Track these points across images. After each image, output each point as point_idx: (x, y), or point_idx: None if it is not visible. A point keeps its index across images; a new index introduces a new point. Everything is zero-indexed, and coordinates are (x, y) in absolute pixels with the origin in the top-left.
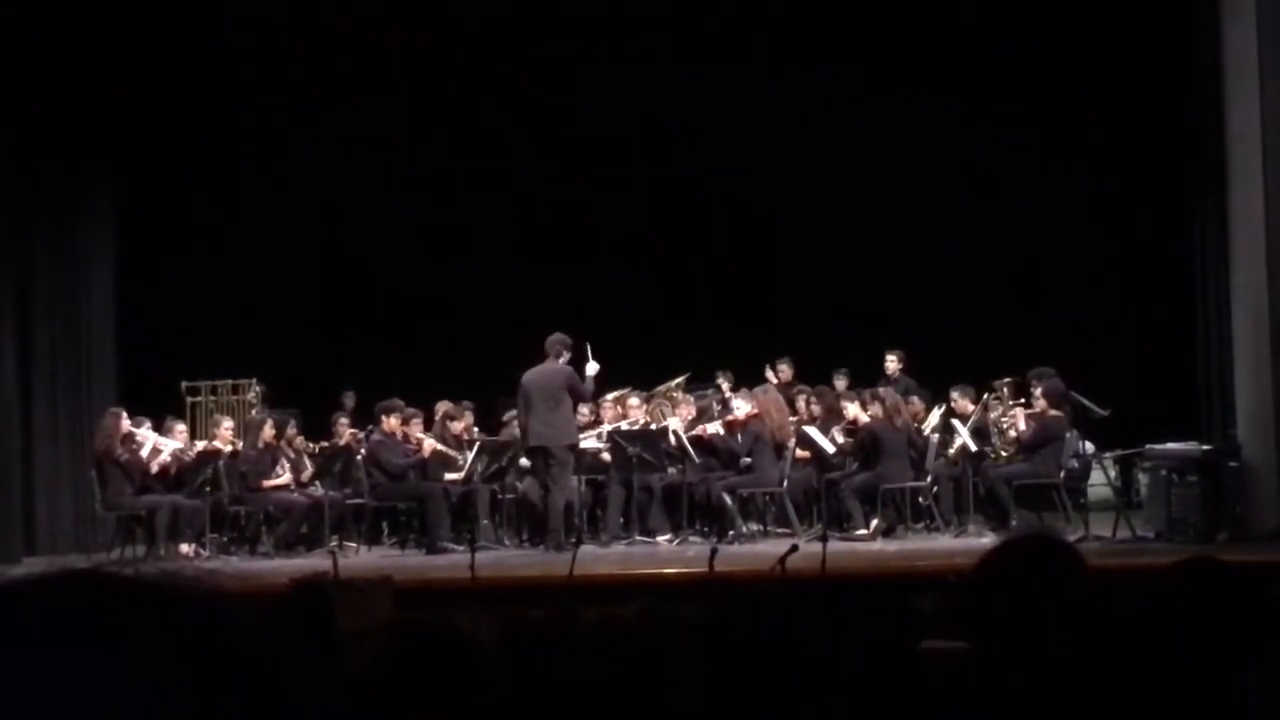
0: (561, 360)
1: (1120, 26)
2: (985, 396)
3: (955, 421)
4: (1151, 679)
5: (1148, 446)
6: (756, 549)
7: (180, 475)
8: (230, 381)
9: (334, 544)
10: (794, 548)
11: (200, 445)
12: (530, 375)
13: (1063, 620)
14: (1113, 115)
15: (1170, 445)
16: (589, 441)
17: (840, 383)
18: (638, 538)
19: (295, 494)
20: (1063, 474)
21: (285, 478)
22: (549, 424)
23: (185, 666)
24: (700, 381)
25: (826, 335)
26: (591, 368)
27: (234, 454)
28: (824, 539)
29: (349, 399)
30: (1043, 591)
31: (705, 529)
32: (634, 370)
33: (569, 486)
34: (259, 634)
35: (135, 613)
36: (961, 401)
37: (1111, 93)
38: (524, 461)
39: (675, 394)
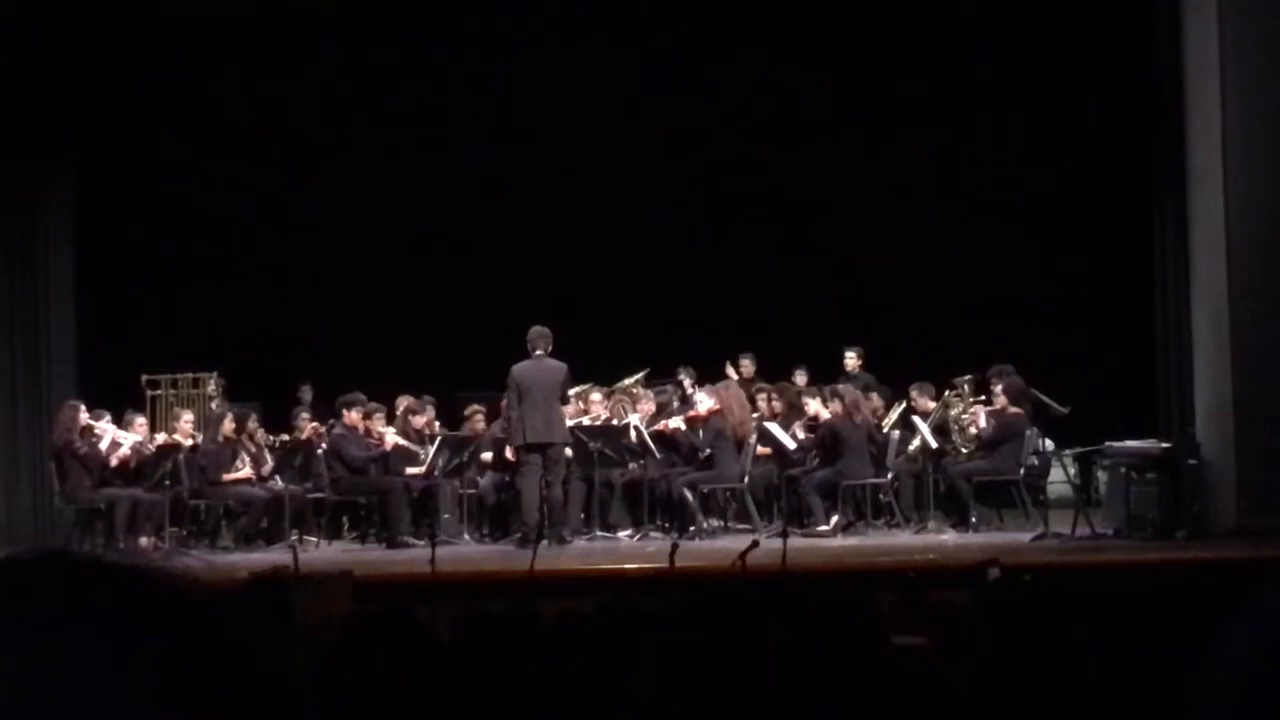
0: (548, 354)
1: (1082, 26)
2: (945, 393)
3: (915, 418)
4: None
5: (1107, 444)
6: (717, 545)
7: (140, 468)
8: (190, 375)
9: (294, 538)
10: (755, 543)
11: (160, 438)
12: (526, 370)
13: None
14: (1074, 115)
15: (1129, 443)
16: None
17: (801, 379)
18: (599, 533)
19: (255, 488)
20: (1023, 471)
21: (245, 471)
22: (550, 421)
23: (157, 648)
24: (661, 377)
25: (787, 332)
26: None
27: (194, 447)
28: (785, 535)
29: (306, 393)
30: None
31: (666, 524)
32: (595, 366)
33: (557, 482)
34: (227, 621)
35: (106, 594)
36: (921, 399)
37: (1073, 92)
38: (485, 456)
39: (636, 389)
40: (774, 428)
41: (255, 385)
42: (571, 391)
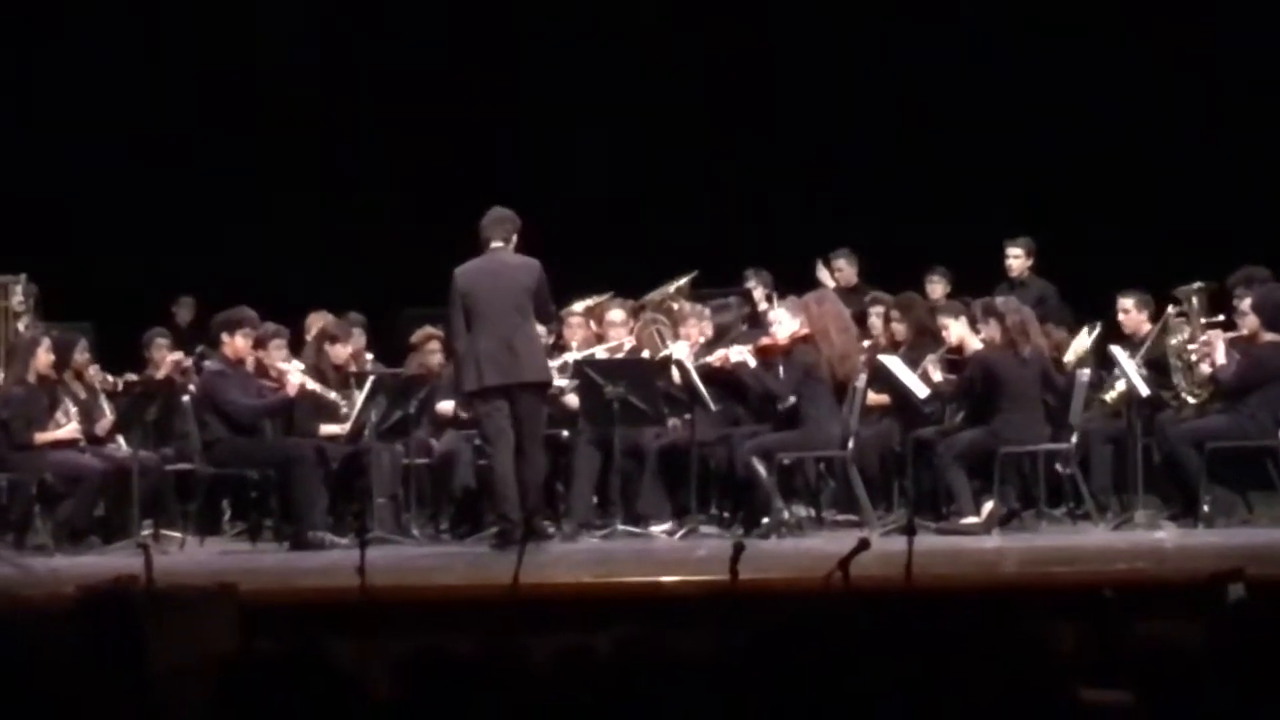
0: (512, 248)
1: None
2: (1164, 313)
3: (1117, 350)
4: None
5: None
6: (804, 545)
7: None
8: None
9: (147, 533)
10: (864, 544)
11: None
12: (474, 274)
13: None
14: None
15: None
16: None
17: (937, 288)
18: (620, 527)
19: (87, 455)
20: None
21: (71, 429)
22: (517, 349)
23: None
24: (718, 284)
25: (912, 215)
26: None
27: None
28: (910, 531)
29: (185, 308)
30: None
31: (725, 515)
32: (614, 266)
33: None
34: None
35: None
36: (1134, 315)
37: None
38: (443, 407)
39: (679, 303)
40: (895, 364)
41: (88, 296)
42: (577, 307)
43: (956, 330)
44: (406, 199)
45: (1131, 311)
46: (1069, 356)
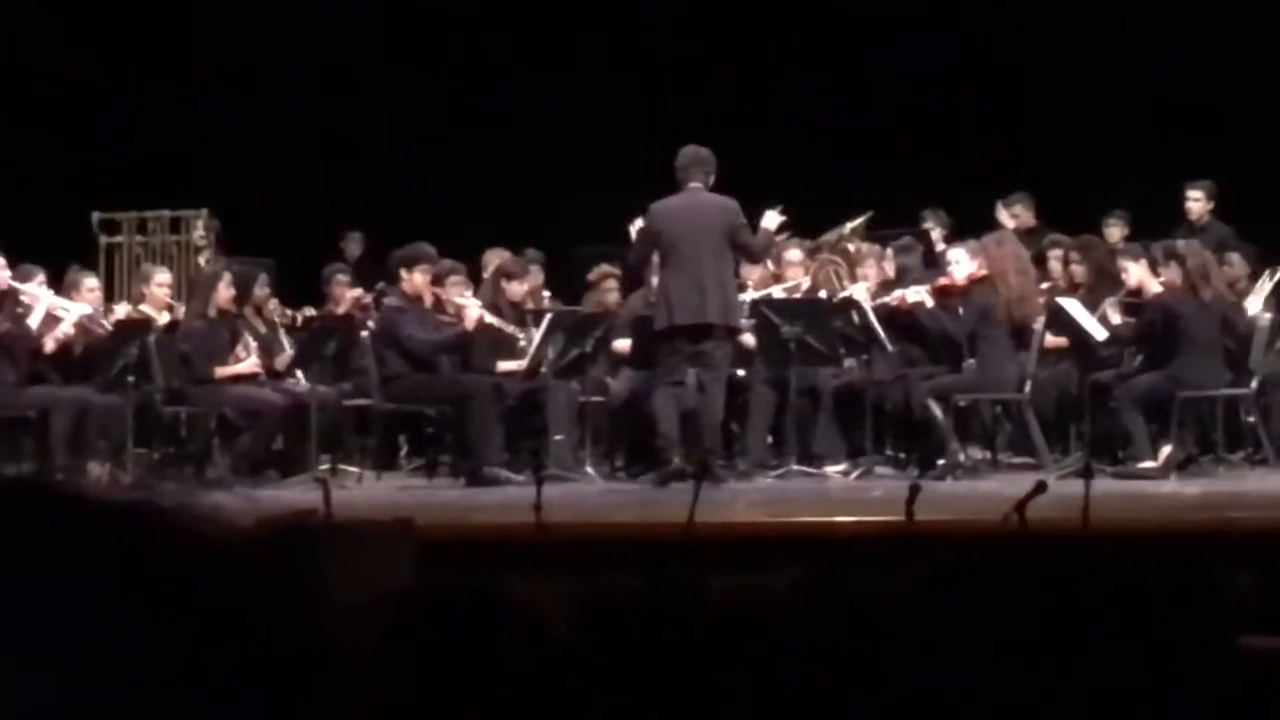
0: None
1: None
2: None
3: None
4: None
5: None
6: (981, 488)
7: (89, 357)
8: (168, 213)
9: (325, 467)
10: (1040, 487)
11: (120, 311)
12: (671, 212)
13: None
14: None
15: None
16: None
17: (1116, 231)
18: (794, 467)
19: (266, 389)
20: None
21: (250, 364)
22: (708, 291)
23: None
24: (895, 224)
25: (1092, 158)
26: (771, 219)
27: (172, 326)
28: (1087, 475)
29: (354, 243)
30: None
31: (901, 456)
32: (791, 206)
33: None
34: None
35: (86, 541)
36: None
37: None
38: (620, 345)
39: (856, 244)
40: (1073, 306)
41: (267, 231)
42: None
43: (1136, 273)
44: (585, 137)
45: None
46: (1250, 301)
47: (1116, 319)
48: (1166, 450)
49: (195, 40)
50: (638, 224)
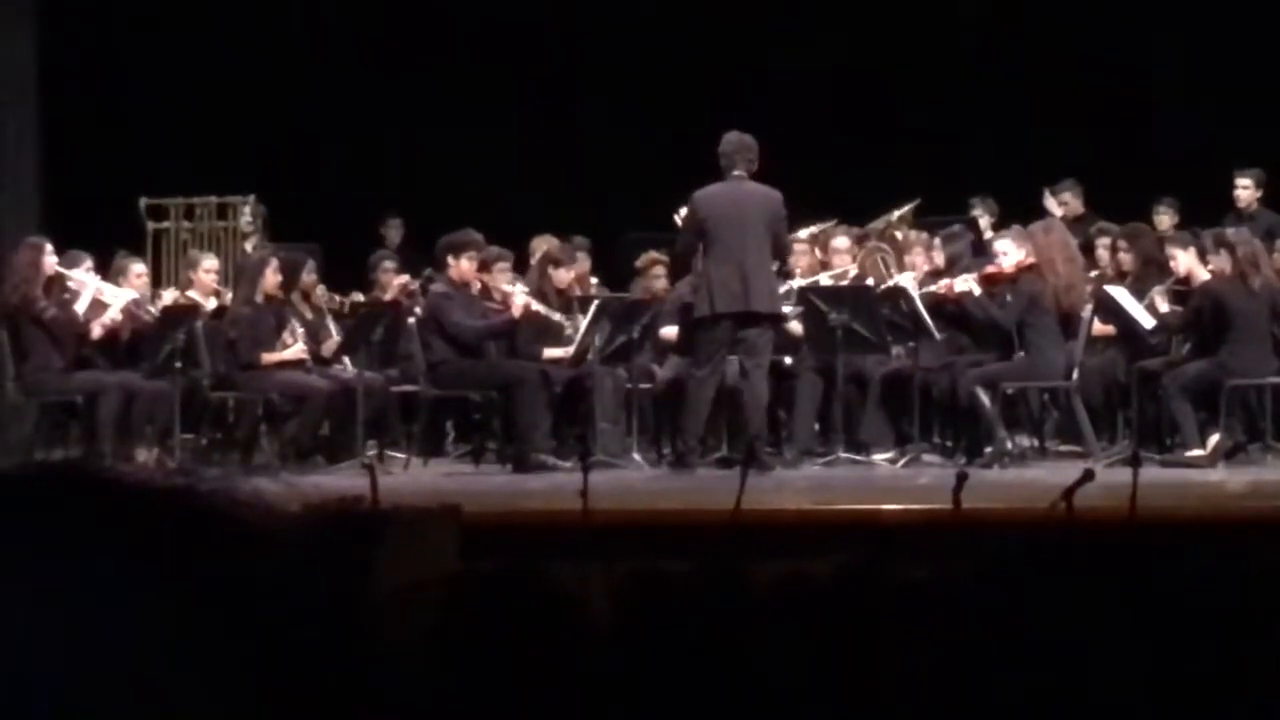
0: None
1: None
2: None
3: None
4: None
5: None
6: (1028, 476)
7: (136, 343)
8: (215, 199)
9: (372, 453)
10: (1088, 475)
11: (167, 297)
12: (716, 200)
13: None
14: None
15: None
16: None
17: (1165, 219)
18: (841, 454)
19: (312, 375)
20: None
21: (298, 349)
22: (750, 279)
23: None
24: (943, 212)
25: (1139, 144)
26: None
27: (219, 312)
28: (1135, 463)
29: (394, 229)
30: None
31: (948, 443)
32: (839, 193)
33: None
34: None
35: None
36: None
37: None
38: (666, 332)
39: (904, 231)
40: (1121, 295)
41: (313, 217)
42: (801, 234)
43: (1185, 261)
44: (632, 123)
45: None
46: None
47: (1164, 307)
48: (1214, 439)
49: (243, 27)
50: (683, 212)
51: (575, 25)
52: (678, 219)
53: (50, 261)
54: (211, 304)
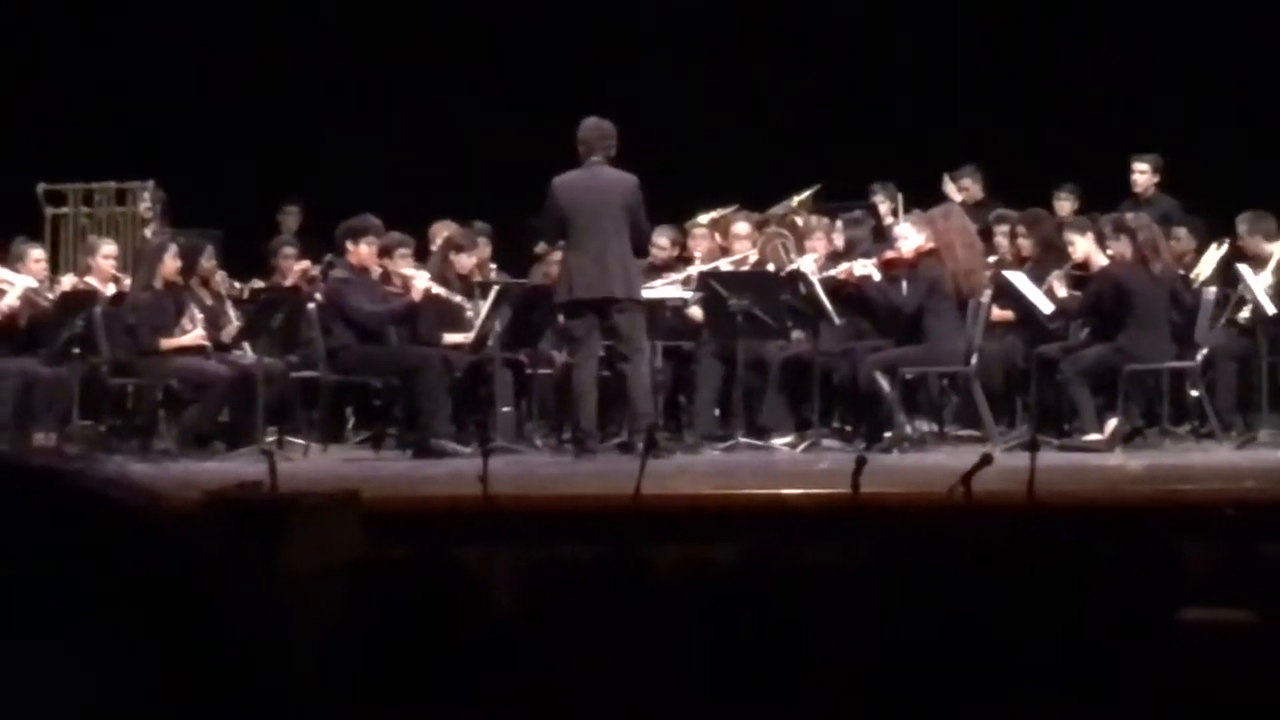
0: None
1: None
2: None
3: (1244, 269)
4: None
5: None
6: (927, 460)
7: (34, 329)
8: (114, 185)
9: (272, 439)
10: (986, 460)
11: (66, 283)
12: (573, 186)
13: None
14: None
15: None
16: (668, 289)
17: (1064, 205)
18: (742, 439)
19: (212, 361)
20: None
21: (197, 335)
22: (609, 264)
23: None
24: (844, 198)
25: (1037, 131)
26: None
27: (118, 298)
28: (1033, 447)
29: (291, 216)
30: None
31: (848, 428)
32: (740, 180)
33: (641, 362)
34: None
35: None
36: (1254, 238)
37: None
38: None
39: (804, 216)
40: (1020, 280)
41: (213, 203)
42: (702, 219)
43: (1083, 246)
44: (535, 109)
45: (1245, 235)
46: (1195, 273)
47: (1063, 292)
48: (1112, 423)
49: (142, 12)
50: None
51: (475, 10)
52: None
53: None
54: (110, 290)
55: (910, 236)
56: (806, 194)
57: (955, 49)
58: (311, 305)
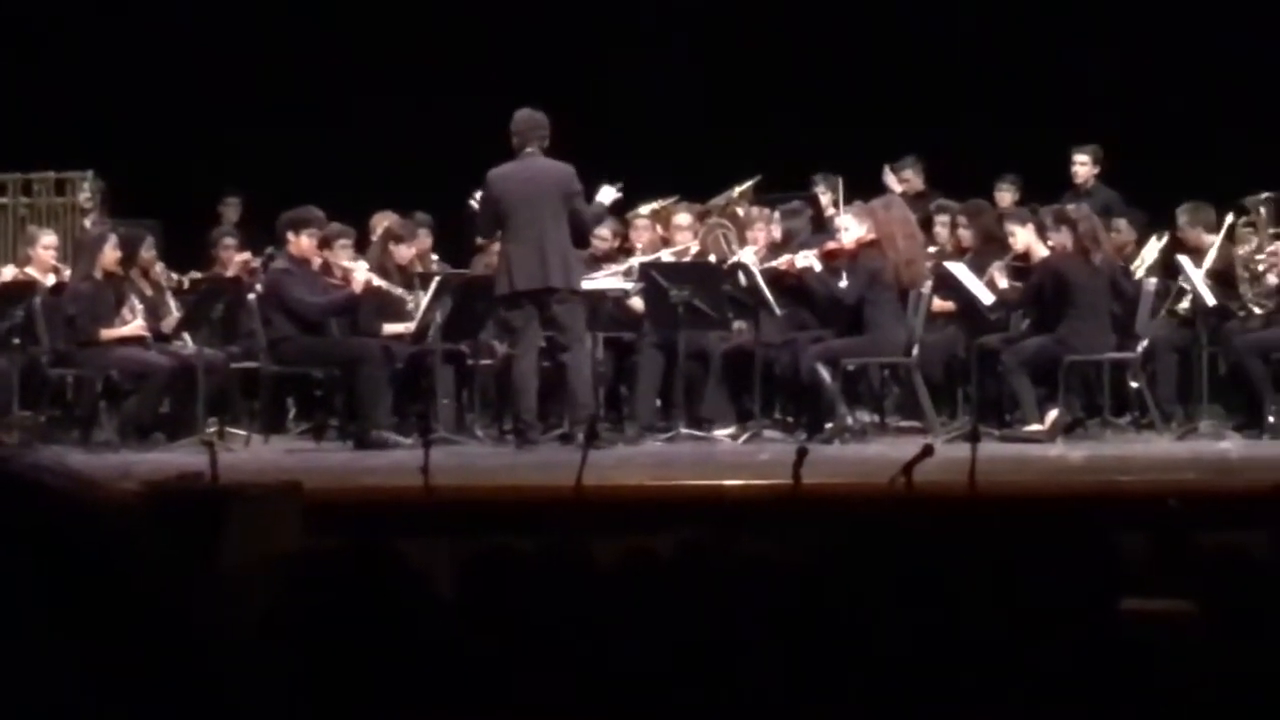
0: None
1: None
2: (1232, 221)
3: (1184, 260)
4: None
5: None
6: (868, 451)
7: None
8: (53, 175)
9: (212, 430)
10: (927, 451)
11: (6, 273)
12: (509, 178)
13: None
14: None
15: None
16: (609, 280)
17: (1005, 196)
18: (683, 430)
19: (152, 352)
20: None
21: (137, 326)
22: (548, 255)
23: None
24: (785, 189)
25: (979, 122)
26: (606, 194)
27: (57, 288)
28: (974, 438)
29: (232, 208)
30: None
31: (789, 419)
32: (681, 170)
33: (581, 354)
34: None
35: None
36: (1189, 230)
37: None
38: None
39: (745, 207)
40: (961, 271)
41: (153, 193)
42: (643, 210)
43: (1023, 237)
44: (475, 100)
45: (1185, 226)
46: (1136, 264)
47: (1003, 283)
48: (1053, 414)
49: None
50: (478, 196)
51: (416, 1)
52: (473, 204)
53: None
54: (50, 280)
55: (851, 227)
56: (748, 184)
57: (896, 40)
58: (252, 296)
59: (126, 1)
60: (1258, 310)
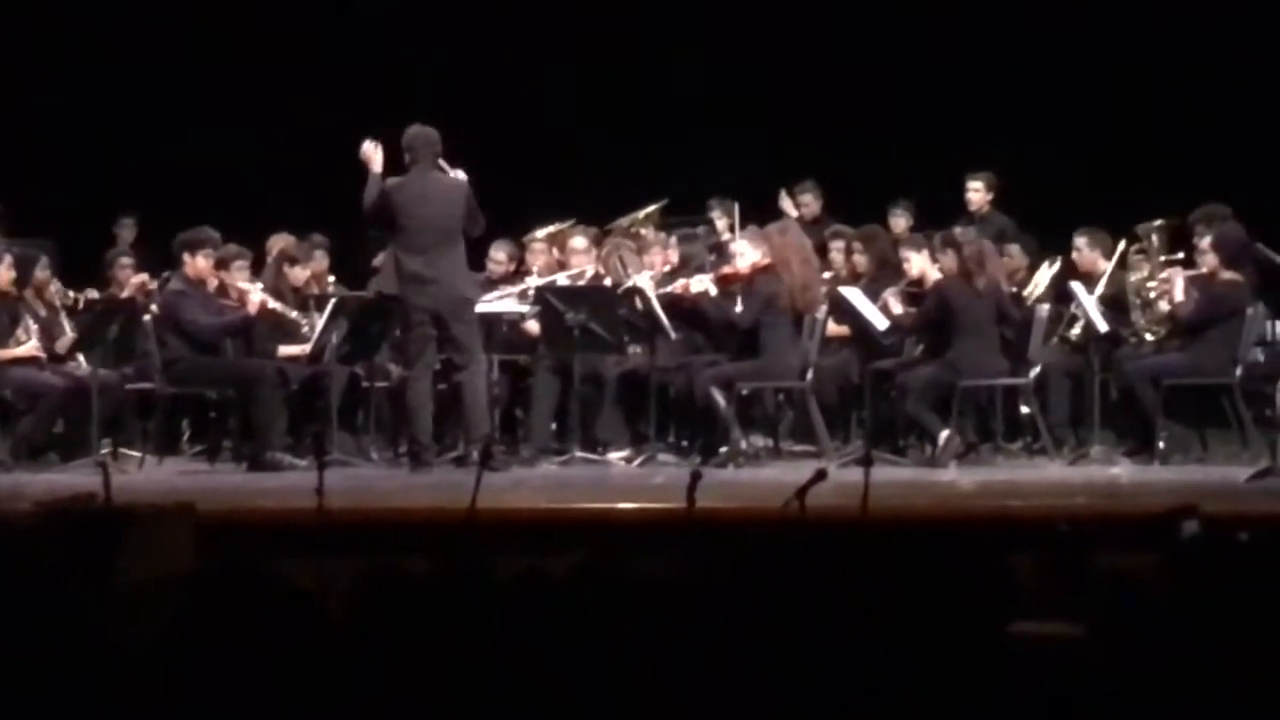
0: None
1: None
2: (1123, 248)
3: (1076, 286)
4: None
5: None
6: (762, 475)
7: None
8: None
9: (106, 451)
10: (821, 475)
11: None
12: (405, 192)
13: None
14: None
15: None
16: (505, 303)
17: (900, 222)
18: (578, 453)
19: (46, 372)
20: (1239, 371)
21: (30, 347)
22: (441, 272)
23: None
24: (683, 213)
25: (876, 148)
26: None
27: None
28: (867, 463)
29: (127, 228)
30: None
31: (683, 443)
32: (579, 195)
33: (477, 373)
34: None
35: None
36: (1087, 255)
37: None
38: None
39: (642, 231)
40: (855, 296)
41: (47, 213)
42: (539, 233)
43: (918, 263)
44: (373, 120)
45: (1084, 250)
46: (1029, 290)
47: (898, 308)
48: (946, 436)
49: None
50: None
51: (314, 19)
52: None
53: None
54: None
55: (746, 252)
56: (653, 208)
57: (795, 65)
58: (147, 317)
59: (18, 22)
60: (1149, 337)
